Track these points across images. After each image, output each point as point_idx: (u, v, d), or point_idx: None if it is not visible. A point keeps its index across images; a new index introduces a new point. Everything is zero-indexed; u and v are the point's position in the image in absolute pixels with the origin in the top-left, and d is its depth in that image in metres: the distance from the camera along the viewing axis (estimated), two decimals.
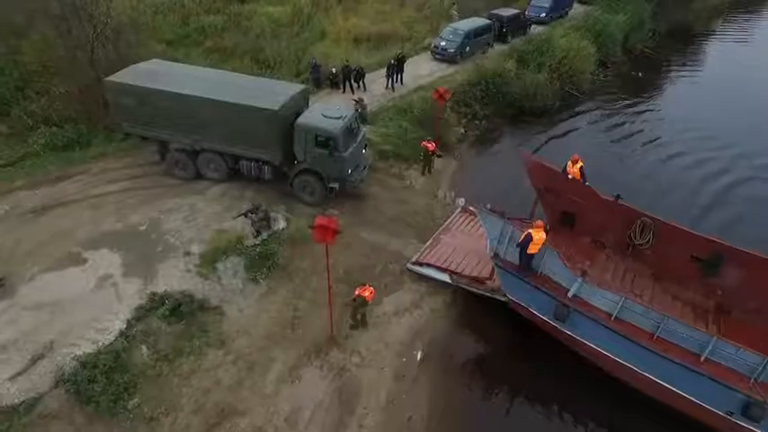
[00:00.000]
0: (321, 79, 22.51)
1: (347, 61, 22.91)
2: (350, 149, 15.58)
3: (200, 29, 27.36)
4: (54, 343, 11.28)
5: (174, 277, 13.22)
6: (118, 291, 12.70)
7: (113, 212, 15.11)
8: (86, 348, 11.18)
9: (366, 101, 20.13)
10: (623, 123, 25.51)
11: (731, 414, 10.54)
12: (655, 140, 23.75)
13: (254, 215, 14.38)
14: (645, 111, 27.00)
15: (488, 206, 12.95)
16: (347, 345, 12.68)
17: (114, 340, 11.47)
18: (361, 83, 22.77)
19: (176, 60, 20.13)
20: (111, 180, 16.50)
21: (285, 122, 15.26)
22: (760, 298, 12.19)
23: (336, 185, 15.81)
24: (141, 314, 12.15)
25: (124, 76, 15.89)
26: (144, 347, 11.59)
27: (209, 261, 13.66)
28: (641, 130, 24.84)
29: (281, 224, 15.05)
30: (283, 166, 15.96)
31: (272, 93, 15.71)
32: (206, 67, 20.23)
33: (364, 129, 17.23)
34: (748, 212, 18.95)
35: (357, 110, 18.75)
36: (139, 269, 13.29)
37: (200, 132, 15.78)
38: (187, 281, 13.20)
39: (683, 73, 33.12)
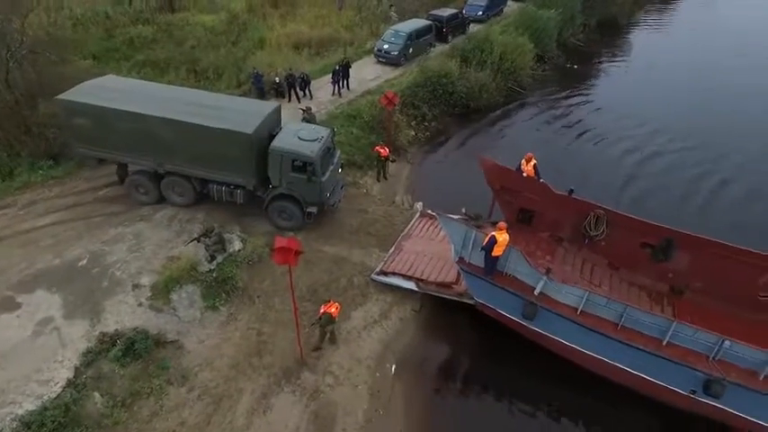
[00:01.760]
0: (264, 89, 21.77)
1: (291, 69, 22.31)
2: (328, 173, 14.97)
3: (129, 41, 25.86)
4: None
5: (124, 314, 12.31)
6: (61, 335, 11.64)
7: (48, 248, 13.87)
8: (29, 405, 10.14)
9: (314, 109, 19.63)
10: (565, 115, 26.40)
11: (694, 392, 11.03)
12: (595, 130, 24.70)
13: (207, 239, 13.63)
14: (584, 102, 28.09)
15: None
16: (318, 365, 12.25)
17: (62, 392, 10.47)
18: (307, 90, 22.23)
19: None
20: (42, 212, 15.15)
21: (259, 145, 14.43)
22: (707, 277, 12.91)
23: (315, 210, 15.13)
24: (91, 359, 11.20)
25: (77, 95, 14.62)
26: (97, 395, 10.67)
27: (161, 292, 12.83)
28: (581, 120, 25.79)
29: (237, 246, 14.37)
30: (257, 190, 15.12)
31: (243, 113, 14.83)
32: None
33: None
34: (686, 191, 20.31)
35: (305, 119, 18.26)
36: (84, 309, 12.27)
37: (164, 155, 14.76)
38: (139, 316, 12.32)
39: (613, 63, 34.81)
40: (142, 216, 15.33)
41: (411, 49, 26.32)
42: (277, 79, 21.94)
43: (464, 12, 31.98)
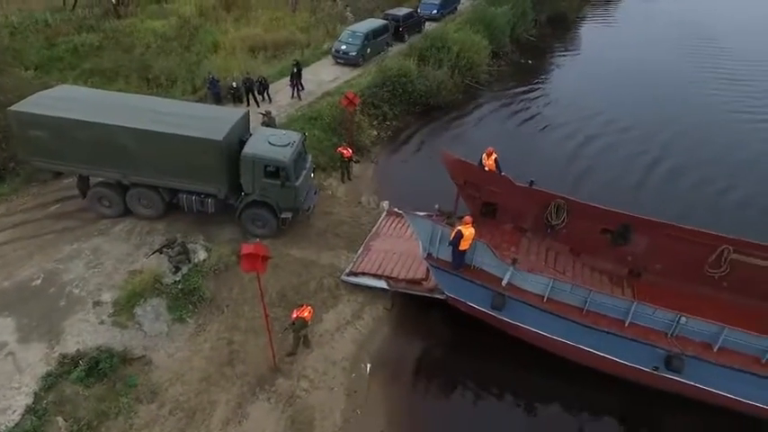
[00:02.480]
0: (221, 94, 21.31)
1: (248, 73, 21.93)
2: (301, 177, 14.76)
3: (72, 50, 24.76)
4: None
5: (85, 333, 11.80)
6: (16, 360, 11.06)
7: None
8: None
9: (274, 112, 19.38)
10: (523, 109, 27.07)
11: (656, 369, 11.55)
12: (551, 122, 25.44)
13: (169, 250, 13.25)
14: (540, 96, 28.86)
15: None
16: (293, 370, 12.12)
17: (21, 419, 9.98)
18: (265, 94, 21.91)
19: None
20: None
21: (230, 152, 14.10)
22: (663, 259, 13.54)
23: (289, 215, 14.90)
24: (51, 382, 10.69)
25: (31, 106, 13.92)
26: (60, 419, 10.19)
27: (124, 308, 12.38)
28: (538, 113, 26.52)
29: (202, 255, 14.02)
30: (229, 198, 14.77)
31: (212, 120, 14.48)
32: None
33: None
34: (641, 177, 21.24)
35: (265, 123, 18.00)
36: (40, 331, 11.69)
37: (129, 165, 14.23)
38: (102, 334, 11.84)
39: (565, 56, 35.99)
40: (99, 230, 14.73)
41: (369, 49, 26.39)
42: (234, 84, 21.52)
43: (419, 10, 32.36)
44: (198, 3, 30.67)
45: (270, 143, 14.37)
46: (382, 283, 14.06)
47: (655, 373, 11.59)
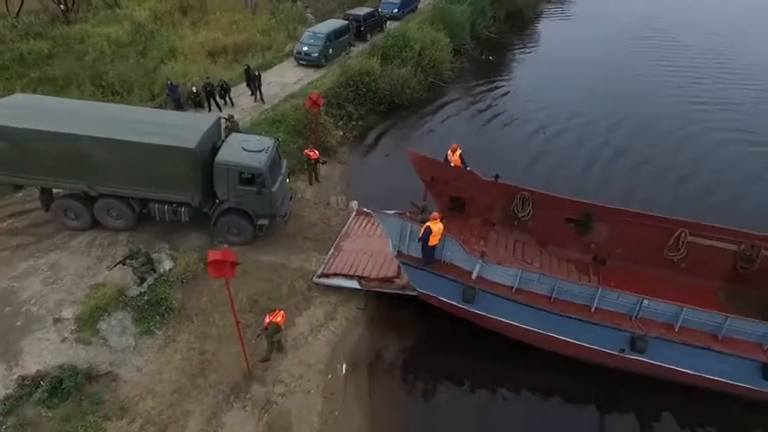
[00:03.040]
0: (181, 100, 20.80)
1: (207, 77, 21.49)
2: (277, 183, 14.52)
3: (19, 58, 23.68)
4: None
5: (46, 352, 11.34)
6: None
7: None
8: None
9: (237, 117, 19.06)
10: (486, 105, 27.48)
11: (623, 351, 11.94)
12: (514, 117, 25.93)
13: (133, 261, 12.83)
14: (502, 91, 29.34)
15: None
16: (267, 376, 11.96)
17: None
18: (227, 98, 21.53)
19: None
20: None
21: (203, 160, 13.77)
22: (625, 245, 14.04)
23: (266, 222, 14.64)
24: (11, 405, 10.25)
25: None
26: None
27: (88, 323, 11.96)
28: (501, 108, 26.96)
29: (168, 264, 13.66)
30: (203, 206, 14.42)
31: (183, 128, 14.10)
32: None
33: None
34: (606, 167, 21.94)
35: (228, 127, 17.68)
36: None
37: (97, 176, 13.72)
38: (65, 352, 11.40)
39: (524, 52, 36.76)
40: (56, 245, 14.16)
41: (331, 50, 26.28)
42: (194, 89, 21.05)
43: (380, 10, 32.39)
44: (152, 7, 29.83)
45: (244, 149, 14.12)
46: (354, 283, 14.03)
47: (621, 355, 11.97)
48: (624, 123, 25.46)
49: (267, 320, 11.84)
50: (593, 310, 12.04)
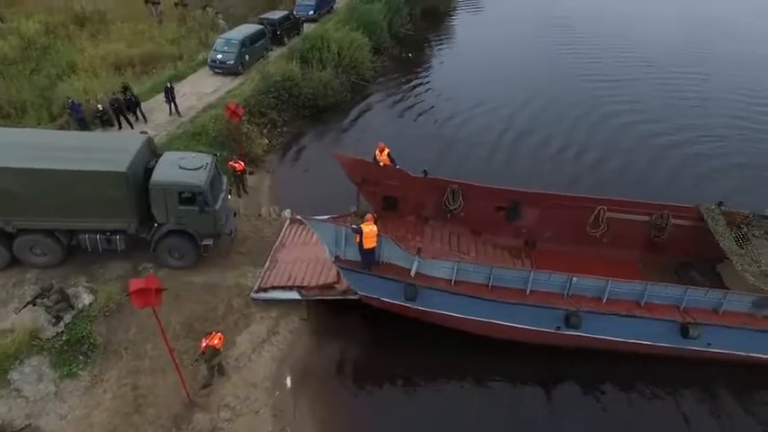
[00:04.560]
0: (86, 119, 19.22)
1: (114, 93, 20.04)
2: (219, 200, 13.78)
3: None
4: None
5: None
6: None
7: None
8: None
9: (152, 132, 17.92)
10: (410, 102, 27.76)
11: (559, 328, 12.52)
12: (438, 112, 26.42)
13: (45, 299, 11.70)
14: (424, 87, 29.79)
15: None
16: (211, 402, 11.39)
17: None
18: (138, 113, 20.20)
19: None
20: None
21: (136, 182, 12.87)
22: (551, 227, 14.74)
23: (210, 242, 13.90)
24: None
25: None
26: None
27: None
28: (424, 104, 27.38)
29: (87, 299, 12.62)
30: (140, 232, 13.44)
31: (110, 151, 13.10)
32: None
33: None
34: (531, 154, 22.71)
35: None
36: None
37: (13, 210, 12.43)
38: None
39: (441, 47, 37.61)
40: None
41: (247, 56, 25.44)
42: (100, 106, 19.51)
43: (295, 12, 31.83)
44: (43, 20, 27.35)
45: (181, 167, 13.37)
46: (294, 294, 13.67)
47: (558, 332, 12.55)
48: (546, 113, 26.34)
49: (204, 344, 11.25)
50: (527, 292, 12.50)
